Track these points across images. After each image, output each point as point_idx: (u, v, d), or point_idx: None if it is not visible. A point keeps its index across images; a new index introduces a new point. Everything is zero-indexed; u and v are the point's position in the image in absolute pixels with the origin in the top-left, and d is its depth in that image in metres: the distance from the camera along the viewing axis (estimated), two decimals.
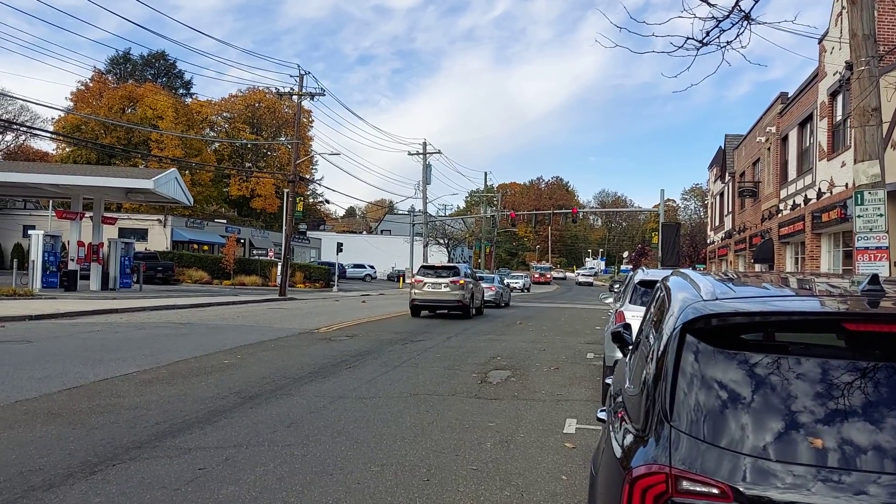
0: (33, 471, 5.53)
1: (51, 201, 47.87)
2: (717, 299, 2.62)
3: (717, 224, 43.30)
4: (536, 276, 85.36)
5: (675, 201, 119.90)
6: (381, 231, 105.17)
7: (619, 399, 3.23)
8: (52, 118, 64.59)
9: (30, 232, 32.58)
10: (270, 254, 57.73)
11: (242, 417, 7.68)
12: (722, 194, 40.93)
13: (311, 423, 7.51)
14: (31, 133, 62.43)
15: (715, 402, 2.24)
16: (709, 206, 51.59)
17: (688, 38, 8.86)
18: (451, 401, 9.11)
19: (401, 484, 5.55)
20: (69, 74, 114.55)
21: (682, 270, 3.87)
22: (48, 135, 63.85)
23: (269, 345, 14.66)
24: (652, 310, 3.83)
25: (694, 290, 2.84)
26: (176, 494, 5.10)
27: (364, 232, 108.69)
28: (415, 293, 24.92)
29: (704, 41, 8.92)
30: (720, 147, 40.71)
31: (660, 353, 2.52)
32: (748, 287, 3.09)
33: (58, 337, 14.71)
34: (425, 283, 24.74)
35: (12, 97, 58.14)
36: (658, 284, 4.03)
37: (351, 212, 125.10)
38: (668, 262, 37.71)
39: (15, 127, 55.63)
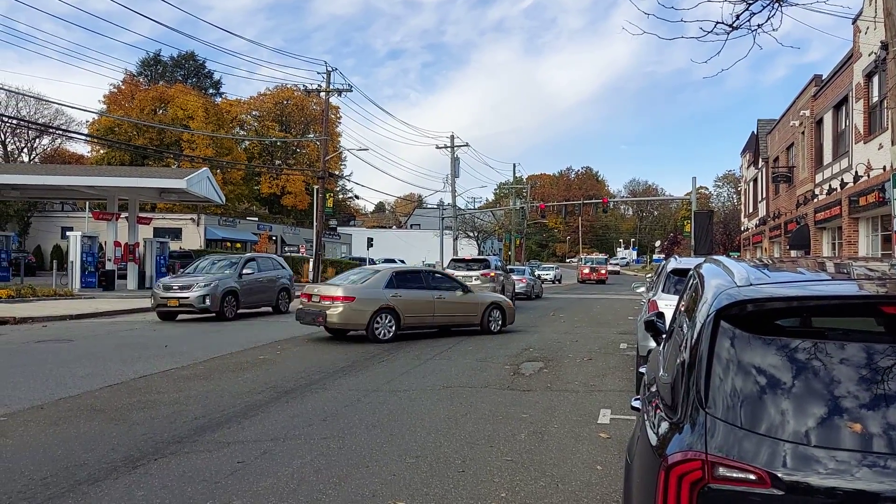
0: (79, 465, 5.68)
1: (87, 203, 48.82)
2: (751, 285, 2.60)
3: (750, 211, 42.63)
4: (586, 271, 60.65)
5: (707, 189, 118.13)
6: (411, 225, 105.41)
7: (654, 388, 3.23)
8: (87, 121, 65.76)
9: (68, 233, 33.30)
10: (302, 250, 58.22)
11: (279, 412, 7.79)
12: (755, 180, 40.26)
13: (346, 417, 7.59)
14: (66, 136, 63.65)
15: (751, 388, 2.23)
16: (742, 192, 50.79)
17: (718, 23, 8.75)
18: (484, 393, 9.13)
19: (436, 475, 5.59)
20: (102, 78, 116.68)
21: (715, 257, 3.84)
22: (83, 137, 65.08)
23: (304, 340, 14.81)
24: (685, 298, 3.81)
25: (728, 277, 2.82)
26: (216, 487, 5.20)
27: (394, 227, 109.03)
28: None
29: (734, 25, 8.79)
30: (753, 132, 40.01)
31: (694, 340, 2.51)
32: (783, 272, 3.06)
33: (98, 335, 15.03)
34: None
35: (48, 101, 59.36)
36: (691, 272, 4.01)
37: (380, 207, 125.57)
38: (701, 251, 37.23)
39: (51, 130, 56.77)
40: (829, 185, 23.19)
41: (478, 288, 24.25)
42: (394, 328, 14.64)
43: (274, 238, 62.82)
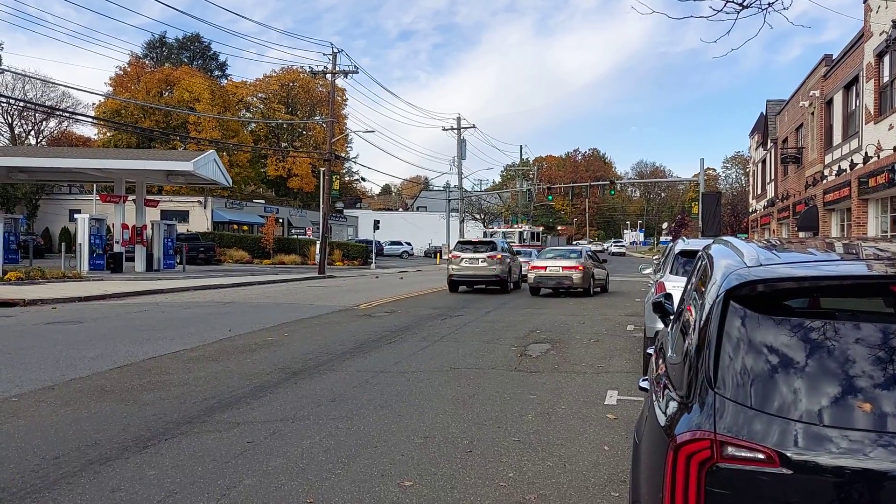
0: (90, 445, 5.74)
1: (95, 185, 48.96)
2: (761, 265, 2.59)
3: (759, 192, 42.42)
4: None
5: (715, 170, 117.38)
6: (417, 208, 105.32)
7: (662, 368, 3.23)
8: (93, 103, 65.80)
9: (76, 216, 33.41)
10: (308, 232, 58.32)
11: (287, 392, 7.84)
12: (764, 162, 40.01)
13: (355, 398, 7.63)
14: (73, 119, 63.64)
15: (761, 368, 2.23)
16: (750, 174, 50.51)
17: (728, 1, 8.64)
18: (492, 374, 9.16)
19: (444, 455, 5.62)
20: (110, 60, 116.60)
21: (724, 238, 3.83)
22: (90, 120, 65.07)
23: (311, 322, 14.88)
24: (694, 279, 3.80)
25: (737, 257, 2.81)
26: (226, 467, 5.25)
27: (400, 209, 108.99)
28: (452, 269, 24.98)
29: (744, 3, 8.68)
30: (762, 113, 39.69)
31: (703, 321, 2.51)
32: (792, 253, 3.04)
33: (107, 317, 15.13)
34: (462, 259, 24.76)
35: (54, 83, 59.37)
36: (700, 253, 4.00)
37: (387, 189, 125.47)
38: (709, 233, 37.06)
39: (58, 113, 56.79)
40: (839, 167, 23.02)
41: (484, 269, 24.32)
42: (596, 288, 23.82)
43: (281, 220, 62.89)
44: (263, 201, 65.83)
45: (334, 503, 4.58)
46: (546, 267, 22.73)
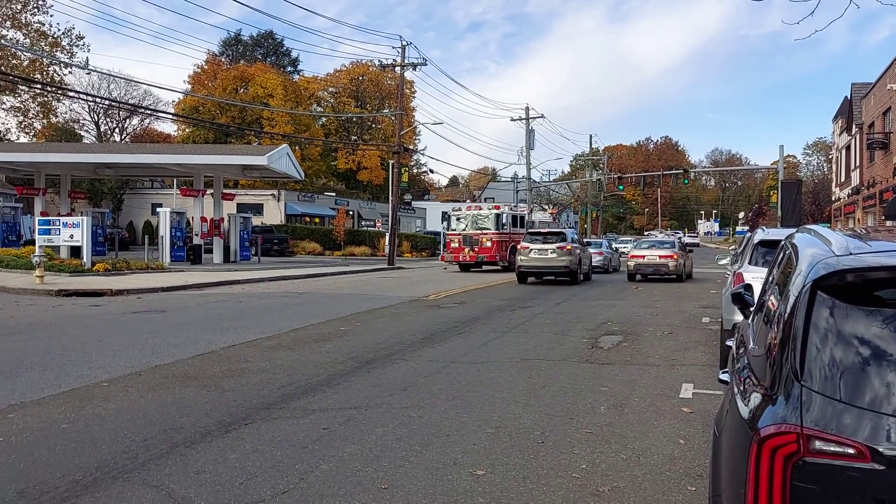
0: (175, 429, 5.99)
1: (175, 180, 50.81)
2: (850, 254, 2.49)
3: (842, 180, 40.60)
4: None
5: (795, 157, 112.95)
6: (485, 199, 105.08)
7: (743, 361, 3.15)
8: (173, 101, 68.40)
9: (158, 210, 34.82)
10: (378, 224, 59.09)
11: (360, 381, 7.99)
12: (848, 147, 38.26)
13: (426, 387, 7.72)
14: (154, 116, 66.25)
15: (851, 360, 2.15)
16: (833, 160, 48.37)
17: None
18: (563, 366, 9.10)
19: (516, 446, 5.63)
20: (187, 58, 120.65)
21: (809, 227, 3.70)
22: (170, 116, 67.56)
23: (382, 312, 15.09)
24: (776, 269, 3.69)
25: (824, 246, 2.71)
26: (304, 452, 5.40)
27: (468, 200, 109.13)
28: (521, 260, 24.87)
29: None
30: (846, 97, 37.93)
31: (788, 311, 2.44)
32: (882, 241, 2.92)
33: (188, 307, 15.73)
34: (531, 250, 24.62)
35: (137, 82, 61.91)
36: (783, 243, 3.88)
37: (454, 181, 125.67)
38: (789, 222, 35.73)
39: (140, 110, 59.20)
40: None
41: (553, 260, 24.10)
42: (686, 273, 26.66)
43: (351, 213, 63.90)
44: (334, 194, 66.98)
45: (408, 490, 4.66)
46: (644, 256, 25.90)
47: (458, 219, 33.39)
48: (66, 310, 14.88)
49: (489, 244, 31.50)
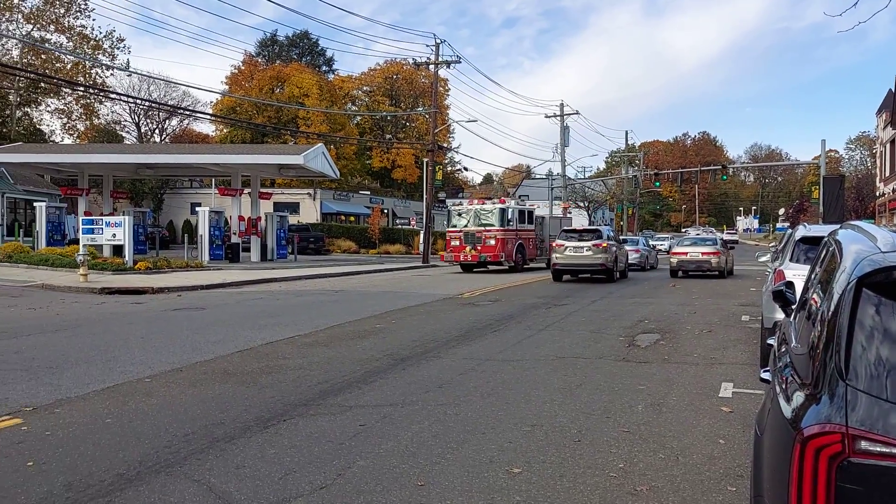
0: (215, 424, 6.10)
1: (213, 179, 51.62)
2: None
3: (887, 175, 39.58)
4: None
5: (837, 152, 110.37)
6: (520, 196, 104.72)
7: (785, 359, 3.10)
8: (211, 101, 69.65)
9: (197, 209, 35.38)
10: (412, 222, 59.34)
11: (396, 378, 8.04)
12: (893, 141, 37.28)
13: (461, 384, 7.73)
14: (193, 116, 67.41)
15: None
16: (878, 155, 47.15)
17: None
18: (599, 364, 9.04)
19: (552, 444, 5.61)
20: (225, 59, 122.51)
21: (853, 223, 3.62)
22: (207, 117, 68.69)
23: (417, 310, 15.15)
24: (819, 266, 3.62)
25: (869, 242, 2.66)
26: (341, 448, 5.45)
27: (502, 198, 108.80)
28: (556, 257, 24.75)
29: None
30: (890, 90, 36.97)
31: (832, 309, 2.39)
32: None
33: (227, 304, 15.97)
34: (566, 247, 24.49)
35: (176, 83, 63.10)
36: (825, 239, 3.80)
37: (488, 178, 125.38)
38: (831, 218, 34.95)
39: (179, 111, 60.28)
40: None
41: (589, 258, 23.95)
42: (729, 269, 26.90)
43: (385, 211, 64.24)
44: (369, 192, 67.41)
45: (444, 487, 4.67)
46: (687, 253, 26.38)
47: (459, 214, 30.97)
48: (110, 307, 15.22)
49: (493, 242, 28.99)
